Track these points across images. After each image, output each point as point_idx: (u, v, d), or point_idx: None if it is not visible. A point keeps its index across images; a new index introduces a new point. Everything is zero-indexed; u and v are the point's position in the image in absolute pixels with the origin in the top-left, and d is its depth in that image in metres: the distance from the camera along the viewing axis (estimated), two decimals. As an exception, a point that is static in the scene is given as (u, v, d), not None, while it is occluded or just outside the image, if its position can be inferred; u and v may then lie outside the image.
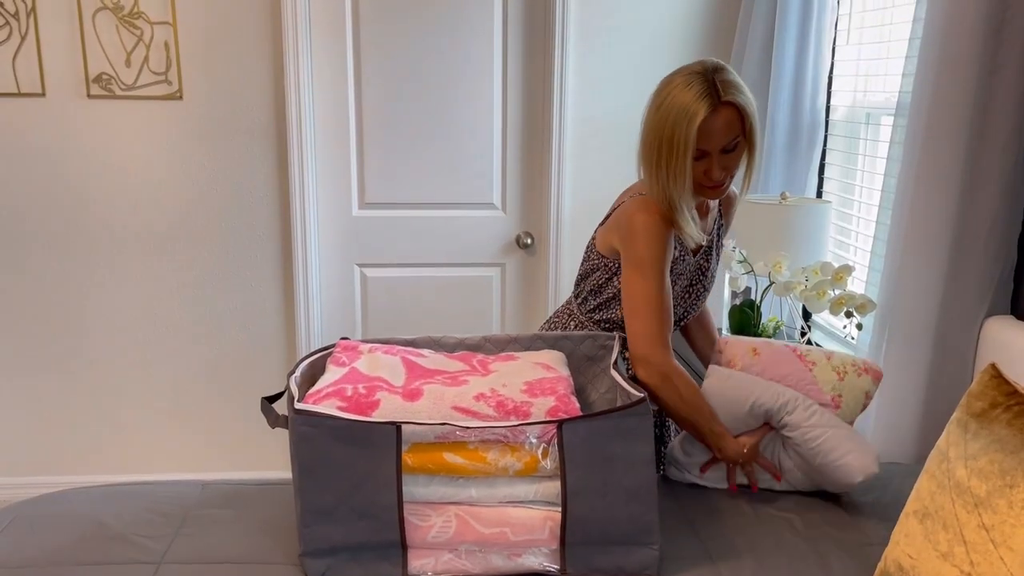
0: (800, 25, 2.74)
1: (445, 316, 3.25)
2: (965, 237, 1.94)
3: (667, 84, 1.73)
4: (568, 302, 2.08)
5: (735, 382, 1.77)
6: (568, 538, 1.46)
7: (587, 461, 1.44)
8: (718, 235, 1.99)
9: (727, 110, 1.69)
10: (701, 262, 1.95)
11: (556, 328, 2.05)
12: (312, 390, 1.52)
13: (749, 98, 1.73)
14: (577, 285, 2.03)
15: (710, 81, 1.68)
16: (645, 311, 1.77)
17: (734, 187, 2.02)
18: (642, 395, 1.48)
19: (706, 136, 1.69)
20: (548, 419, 1.45)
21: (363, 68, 3.05)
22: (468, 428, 1.42)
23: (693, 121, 1.66)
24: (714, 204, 1.97)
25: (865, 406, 1.80)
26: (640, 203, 1.80)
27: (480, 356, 1.74)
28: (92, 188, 3.02)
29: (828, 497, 1.78)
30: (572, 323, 2.03)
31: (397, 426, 1.41)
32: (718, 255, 2.00)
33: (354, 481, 1.42)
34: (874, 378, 1.79)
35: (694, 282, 1.95)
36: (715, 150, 1.72)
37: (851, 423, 1.79)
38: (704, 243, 1.91)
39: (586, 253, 1.99)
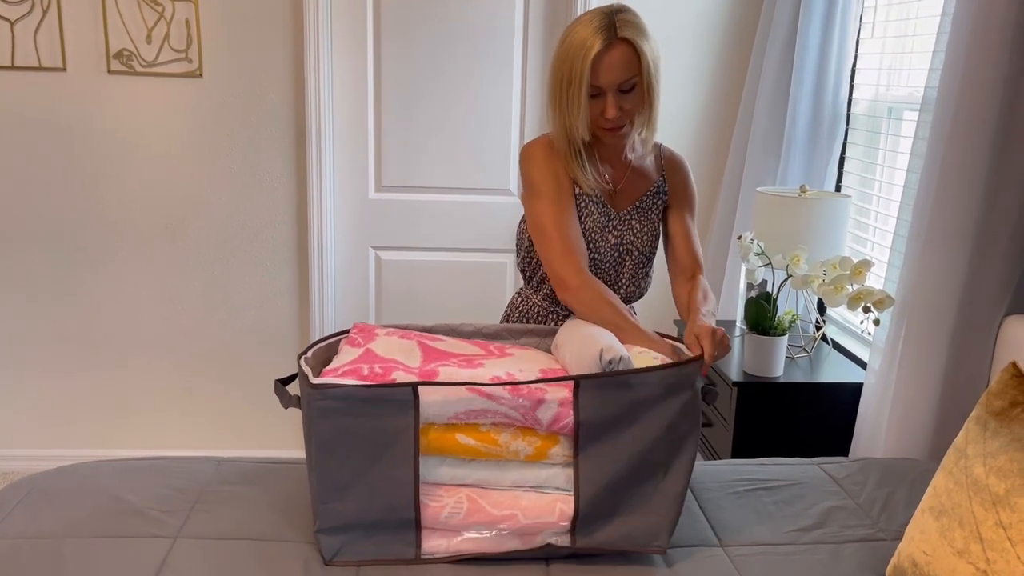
0: (824, 17, 2.72)
1: (459, 300, 3.25)
2: (986, 235, 1.93)
3: (572, 23, 1.75)
4: (519, 290, 2.04)
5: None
6: (581, 513, 1.48)
7: (602, 431, 1.47)
8: (661, 199, 1.92)
9: (623, 46, 1.70)
10: (631, 221, 1.89)
11: (515, 316, 2.00)
12: (328, 369, 1.52)
13: (648, 39, 1.74)
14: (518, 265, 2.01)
15: (609, 18, 1.70)
16: (550, 230, 1.77)
17: (670, 148, 1.97)
18: (670, 361, 1.51)
19: (598, 70, 1.70)
20: (566, 376, 1.49)
21: (383, 49, 3.04)
22: (487, 385, 1.43)
23: (588, 54, 1.68)
24: (648, 163, 1.91)
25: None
26: (532, 140, 1.87)
27: (497, 342, 1.75)
28: (110, 163, 3.03)
29: (841, 491, 1.78)
30: (523, 304, 1.99)
31: (414, 387, 1.43)
32: (658, 220, 1.93)
33: (371, 456, 1.43)
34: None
35: (623, 240, 1.88)
36: (610, 87, 1.72)
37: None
38: (635, 202, 1.88)
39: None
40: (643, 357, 1.60)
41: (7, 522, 1.55)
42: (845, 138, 2.84)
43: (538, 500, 1.48)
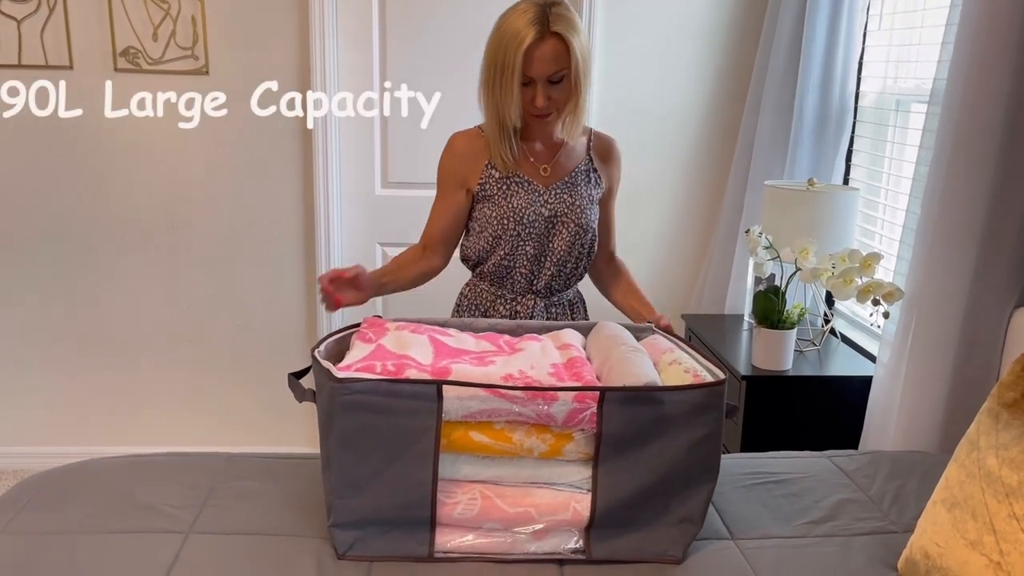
0: (831, 9, 2.71)
1: (466, 296, 3.25)
2: (996, 227, 1.92)
3: (508, 10, 1.84)
4: (468, 280, 2.16)
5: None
6: (596, 523, 1.47)
7: (623, 443, 1.45)
8: (589, 176, 2.02)
9: (554, 40, 1.79)
10: (562, 195, 1.98)
11: (464, 305, 2.13)
12: (341, 365, 1.52)
13: (580, 35, 1.83)
14: None
15: (543, 11, 1.79)
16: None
17: (610, 138, 2.08)
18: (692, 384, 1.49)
19: (530, 62, 1.79)
20: (593, 387, 1.46)
21: (388, 44, 3.04)
22: (509, 388, 1.42)
23: (521, 46, 1.77)
24: (579, 143, 2.02)
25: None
26: (457, 132, 2.04)
27: (507, 336, 1.74)
28: (117, 161, 3.03)
29: (851, 483, 1.77)
30: (471, 292, 2.13)
31: (438, 385, 1.42)
32: (589, 195, 2.01)
33: (391, 453, 1.43)
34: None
35: (556, 212, 1.97)
36: (540, 78, 1.81)
37: None
38: (565, 178, 1.99)
39: None
40: (673, 369, 1.59)
41: (19, 519, 1.55)
42: (853, 131, 2.84)
43: (552, 497, 1.48)
